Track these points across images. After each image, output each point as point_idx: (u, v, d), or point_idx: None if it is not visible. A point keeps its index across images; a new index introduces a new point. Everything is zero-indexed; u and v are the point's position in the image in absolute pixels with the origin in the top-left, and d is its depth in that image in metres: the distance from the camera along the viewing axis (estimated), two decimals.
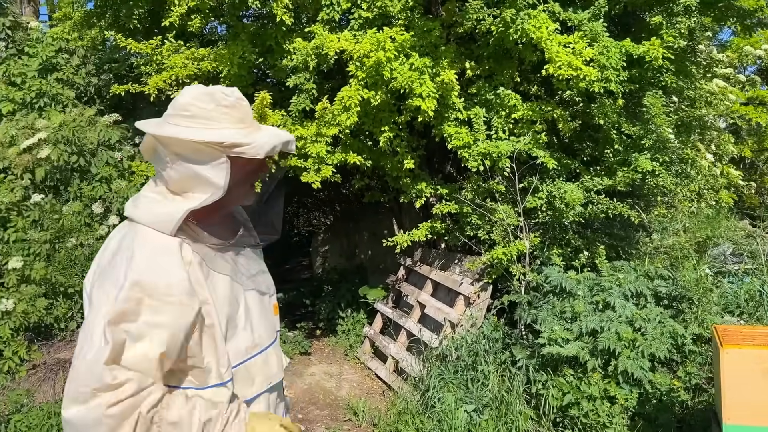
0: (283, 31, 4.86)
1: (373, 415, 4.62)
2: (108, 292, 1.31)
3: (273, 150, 1.43)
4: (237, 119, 1.43)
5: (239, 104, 1.45)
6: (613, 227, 5.52)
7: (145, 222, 1.40)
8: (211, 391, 1.44)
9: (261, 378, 1.56)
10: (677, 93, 6.02)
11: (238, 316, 1.51)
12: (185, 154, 1.40)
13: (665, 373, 3.83)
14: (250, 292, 1.57)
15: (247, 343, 1.53)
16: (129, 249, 1.36)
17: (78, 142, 5.43)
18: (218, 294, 1.45)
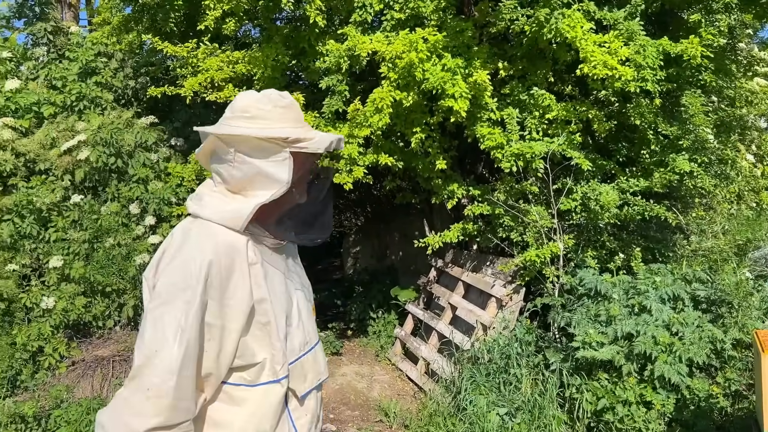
0: (316, 33, 4.90)
1: (404, 417, 4.61)
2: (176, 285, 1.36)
3: (331, 145, 1.50)
4: (293, 119, 1.51)
5: (293, 105, 1.53)
6: (650, 229, 5.41)
7: (212, 219, 1.46)
8: (262, 389, 1.48)
9: (312, 374, 1.61)
10: (716, 92, 5.88)
11: (292, 314, 1.57)
12: (250, 151, 1.46)
13: (703, 378, 3.74)
14: (299, 292, 1.64)
15: (300, 340, 1.59)
16: (197, 244, 1.41)
17: (116, 144, 5.55)
18: (276, 292, 1.51)
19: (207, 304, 1.37)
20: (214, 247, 1.41)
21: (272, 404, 1.49)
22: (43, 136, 5.64)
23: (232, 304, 1.42)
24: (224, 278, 1.40)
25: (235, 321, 1.42)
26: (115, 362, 4.77)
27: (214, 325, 1.39)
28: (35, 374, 4.70)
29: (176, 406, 1.32)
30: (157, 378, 1.30)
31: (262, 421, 1.48)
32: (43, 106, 5.90)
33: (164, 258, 1.43)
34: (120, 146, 5.59)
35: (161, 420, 1.30)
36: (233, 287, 1.42)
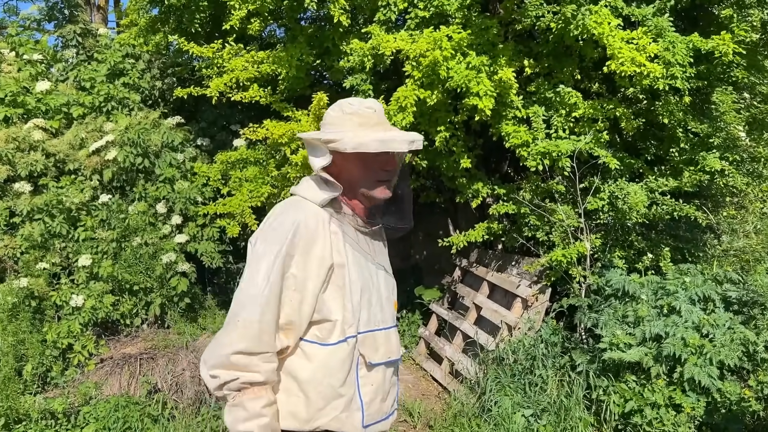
0: (340, 32, 4.90)
1: (428, 417, 4.60)
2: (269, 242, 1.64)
3: (360, 147, 1.65)
4: (357, 123, 1.73)
5: (363, 111, 1.75)
6: (679, 229, 5.31)
7: (304, 195, 1.75)
8: (332, 348, 1.68)
9: (384, 350, 1.79)
10: (749, 89, 5.74)
11: (372, 292, 1.78)
12: (309, 148, 1.79)
13: (735, 381, 3.65)
14: (382, 278, 1.86)
15: (378, 317, 1.79)
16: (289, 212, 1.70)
17: (143, 144, 5.62)
18: (357, 264, 1.74)
19: (294, 257, 1.62)
20: (303, 212, 1.69)
21: (339, 359, 1.68)
22: (72, 137, 5.74)
23: (314, 260, 1.65)
24: (310, 238, 1.65)
25: (316, 275, 1.65)
26: (143, 360, 4.83)
27: (298, 277, 1.63)
28: (65, 371, 4.78)
29: (260, 338, 1.57)
30: (247, 312, 1.58)
31: (328, 375, 1.67)
32: (73, 107, 6.00)
33: (265, 223, 1.72)
34: (147, 146, 5.66)
35: (246, 345, 1.56)
36: (317, 247, 1.66)
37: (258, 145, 5.57)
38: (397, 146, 1.69)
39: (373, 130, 1.72)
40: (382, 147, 1.67)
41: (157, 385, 4.66)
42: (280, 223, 1.67)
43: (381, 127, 1.75)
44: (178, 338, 5.19)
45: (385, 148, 1.68)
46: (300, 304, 1.64)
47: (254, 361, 1.57)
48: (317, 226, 1.68)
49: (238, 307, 1.60)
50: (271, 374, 1.60)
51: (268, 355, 1.59)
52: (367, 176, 1.76)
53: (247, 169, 5.41)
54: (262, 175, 5.28)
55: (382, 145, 1.67)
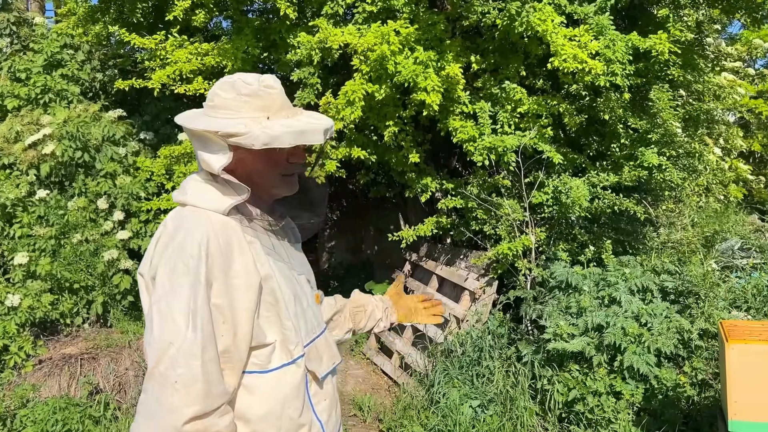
0: (287, 25, 4.85)
1: (378, 411, 4.61)
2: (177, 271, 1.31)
3: (273, 142, 1.36)
4: (257, 107, 1.41)
5: (263, 92, 1.42)
6: (620, 222, 5.47)
7: (199, 204, 1.42)
8: (276, 374, 1.43)
9: (327, 357, 1.57)
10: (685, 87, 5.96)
11: (302, 298, 1.54)
12: (198, 141, 1.44)
13: (671, 368, 3.80)
14: (302, 277, 1.60)
15: (314, 323, 1.56)
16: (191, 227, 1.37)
17: (82, 138, 5.43)
18: (282, 272, 1.48)
19: (213, 285, 1.33)
20: (209, 226, 1.37)
21: (292, 386, 1.44)
22: (7, 130, 5.50)
23: (238, 282, 1.37)
24: (225, 255, 1.36)
25: (245, 299, 1.37)
26: (84, 360, 4.68)
27: (224, 306, 1.34)
28: (0, 374, 4.59)
29: (209, 391, 1.27)
30: (181, 368, 1.25)
31: (285, 407, 1.43)
32: (7, 99, 5.74)
33: (158, 248, 1.38)
34: (87, 140, 5.47)
35: (198, 408, 1.25)
36: (236, 264, 1.38)
37: None
38: (316, 138, 1.41)
39: (281, 117, 1.43)
40: (299, 140, 1.39)
41: (99, 386, 4.52)
42: (181, 246, 1.34)
43: (286, 111, 1.45)
44: (121, 337, 5.04)
45: (303, 142, 1.40)
46: (235, 336, 1.36)
47: (210, 422, 1.29)
48: (230, 237, 1.39)
49: (167, 363, 1.26)
50: (231, 427, 1.34)
51: (223, 407, 1.32)
52: (272, 171, 1.48)
53: (192, 164, 5.30)
54: None
55: (298, 138, 1.39)
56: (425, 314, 2.05)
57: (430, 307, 2.06)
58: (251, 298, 1.38)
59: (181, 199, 1.46)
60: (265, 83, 1.43)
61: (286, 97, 1.48)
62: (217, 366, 1.31)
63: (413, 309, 2.04)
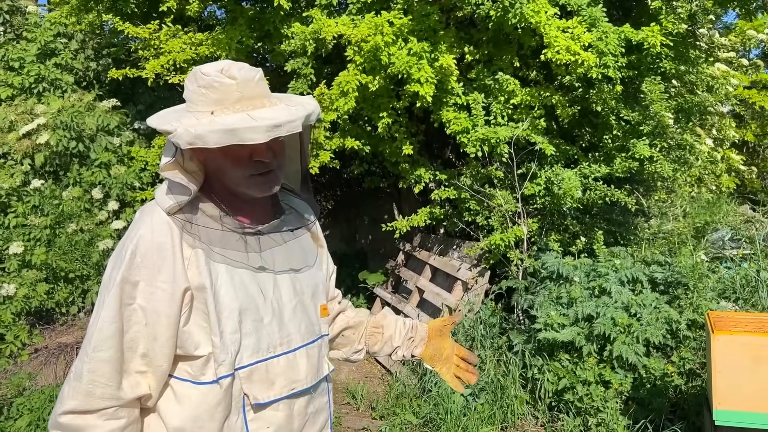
0: (282, 15, 4.84)
1: (371, 399, 4.67)
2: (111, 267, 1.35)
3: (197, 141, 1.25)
4: (213, 101, 1.31)
5: (217, 84, 1.30)
6: (613, 213, 5.52)
7: (156, 199, 1.39)
8: (205, 388, 1.36)
9: (283, 381, 1.43)
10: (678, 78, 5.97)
11: (262, 311, 1.40)
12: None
13: (660, 358, 3.86)
14: (286, 287, 1.46)
15: (270, 340, 1.41)
16: (135, 224, 1.37)
17: (77, 128, 5.43)
18: (234, 282, 1.37)
19: (138, 285, 1.30)
20: (149, 225, 1.34)
21: (210, 406, 1.35)
22: (1, 120, 5.49)
23: (163, 287, 1.31)
24: (156, 257, 1.31)
25: (168, 306, 1.31)
26: (79, 349, 4.72)
27: (147, 309, 1.31)
28: None
29: (90, 391, 1.28)
30: (78, 362, 1.31)
31: (198, 426, 1.35)
32: (0, 88, 5.74)
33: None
34: (81, 130, 5.47)
35: (75, 404, 1.28)
36: (165, 269, 1.31)
37: None
38: (251, 137, 1.25)
39: (228, 111, 1.30)
40: (229, 140, 1.24)
41: None
42: (124, 240, 1.34)
43: (242, 104, 1.31)
44: None
45: (233, 141, 1.25)
46: (154, 342, 1.32)
47: (90, 421, 1.28)
48: (167, 240, 1.32)
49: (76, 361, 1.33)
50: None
51: (111, 411, 1.29)
52: (236, 170, 1.37)
53: None
54: None
55: (228, 138, 1.24)
56: (451, 371, 1.75)
57: (463, 369, 1.75)
58: (174, 306, 1.32)
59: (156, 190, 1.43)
60: (228, 72, 1.32)
61: (254, 87, 1.34)
62: (110, 368, 1.29)
63: (444, 357, 1.75)
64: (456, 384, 1.72)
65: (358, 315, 1.78)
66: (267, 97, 1.36)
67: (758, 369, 2.64)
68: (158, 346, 1.32)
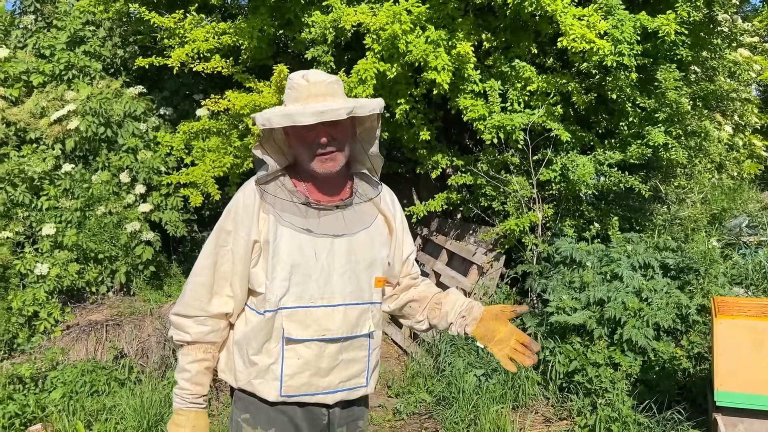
0: (302, 3, 4.93)
1: (387, 378, 4.81)
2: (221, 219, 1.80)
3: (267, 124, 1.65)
4: (294, 98, 1.71)
5: (296, 84, 1.71)
6: (629, 199, 5.56)
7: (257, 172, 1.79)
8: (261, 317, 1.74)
9: (316, 327, 1.74)
10: (699, 64, 5.95)
11: (312, 268, 1.73)
12: None
13: (669, 341, 3.93)
14: (340, 255, 1.76)
15: (313, 293, 1.73)
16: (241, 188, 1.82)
17: (105, 114, 5.62)
18: (293, 243, 1.72)
19: (231, 233, 1.74)
20: (243, 190, 1.78)
21: (256, 329, 1.75)
22: (33, 106, 5.70)
23: (243, 236, 1.73)
24: (242, 214, 1.74)
25: (244, 250, 1.73)
26: (109, 326, 4.93)
27: (234, 251, 1.74)
28: (31, 338, 4.86)
29: (189, 303, 1.75)
30: (187, 280, 1.81)
31: (246, 343, 1.76)
32: (32, 75, 5.94)
33: None
34: (109, 116, 5.66)
35: (180, 309, 1.77)
36: (245, 224, 1.74)
37: (221, 116, 5.62)
38: (302, 119, 1.62)
39: (296, 104, 1.70)
40: (284, 121, 1.64)
41: (124, 351, 4.78)
42: (231, 200, 1.81)
43: (311, 99, 1.68)
44: (143, 305, 5.29)
45: (289, 123, 1.64)
46: (235, 276, 1.75)
47: (186, 323, 1.76)
48: (248, 204, 1.75)
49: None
50: (201, 335, 1.76)
51: (201, 318, 1.75)
52: (305, 151, 1.73)
53: (209, 140, 5.46)
54: (225, 145, 5.35)
55: (284, 120, 1.64)
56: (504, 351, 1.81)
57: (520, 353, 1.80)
58: (247, 251, 1.74)
59: None
60: (307, 76, 1.72)
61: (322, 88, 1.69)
62: (205, 289, 1.75)
63: (497, 339, 1.83)
64: (507, 363, 1.82)
65: (426, 290, 2.00)
66: (332, 95, 1.71)
67: (759, 352, 2.71)
68: (237, 279, 1.75)
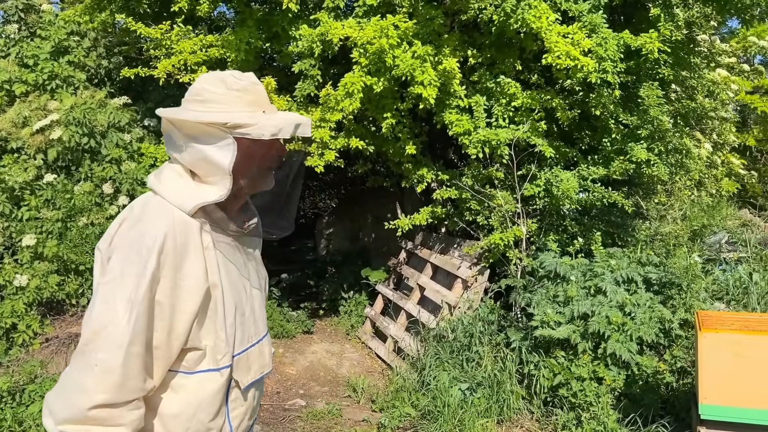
0: (290, 17, 4.95)
1: (371, 392, 4.79)
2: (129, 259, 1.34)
3: (279, 132, 1.42)
4: (248, 102, 1.45)
5: (252, 88, 1.47)
6: (612, 214, 5.62)
7: (168, 198, 1.44)
8: (199, 377, 1.45)
9: (256, 366, 1.59)
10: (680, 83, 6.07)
11: (245, 307, 1.55)
12: (196, 135, 1.43)
13: (652, 356, 3.96)
14: (254, 283, 1.61)
15: (250, 331, 1.57)
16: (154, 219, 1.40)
17: (89, 124, 5.56)
18: (229, 280, 1.49)
19: (160, 281, 1.35)
20: (170, 223, 1.39)
21: (210, 393, 1.46)
22: (15, 115, 5.63)
23: (185, 285, 1.39)
24: (179, 256, 1.38)
25: (189, 302, 1.39)
26: None
27: (165, 305, 1.36)
28: (9, 350, 4.76)
29: (123, 384, 1.29)
30: (105, 353, 1.28)
31: (200, 410, 1.45)
32: (15, 84, 5.87)
33: (120, 230, 1.40)
34: (93, 126, 5.61)
35: (107, 397, 1.28)
36: (188, 267, 1.39)
37: None
38: (307, 130, 1.48)
39: (270, 111, 1.49)
40: (298, 131, 1.47)
41: None
42: (141, 236, 1.36)
43: (269, 106, 1.51)
44: None
45: (300, 133, 1.48)
46: (168, 336, 1.38)
47: (117, 413, 1.30)
48: (188, 240, 1.41)
49: (94, 345, 1.29)
50: (137, 423, 1.34)
51: (135, 402, 1.33)
52: (256, 165, 1.50)
53: None
54: None
55: (297, 130, 1.46)
56: None
57: None
58: (195, 301, 1.40)
59: (153, 186, 1.47)
60: (249, 79, 1.48)
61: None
62: (141, 361, 1.32)
63: None
64: None
65: None
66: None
67: (742, 365, 2.75)
68: (173, 339, 1.38)
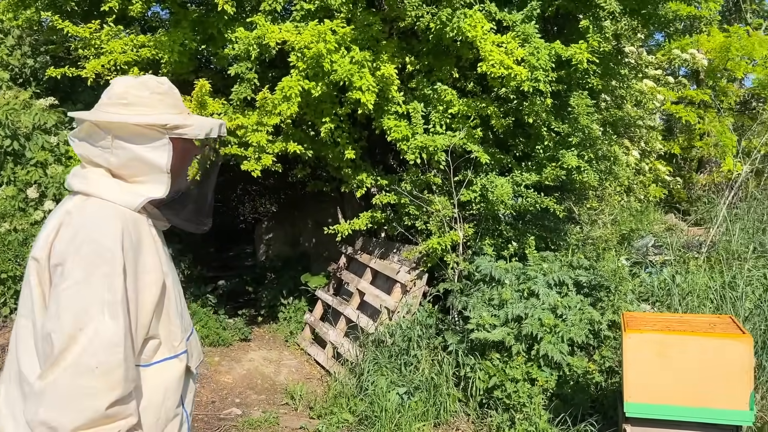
0: (226, 19, 4.87)
1: (310, 399, 4.75)
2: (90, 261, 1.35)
3: (211, 131, 1.54)
4: (170, 105, 1.55)
5: (171, 92, 1.57)
6: (545, 219, 5.77)
7: (109, 198, 1.46)
8: (156, 367, 1.49)
9: (197, 353, 1.67)
10: (608, 92, 6.30)
11: (181, 296, 1.63)
12: (129, 137, 1.48)
13: (583, 357, 4.08)
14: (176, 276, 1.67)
15: (188, 321, 1.65)
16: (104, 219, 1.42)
17: (12, 126, 5.32)
18: (168, 270, 1.56)
19: (125, 278, 1.39)
20: (122, 220, 1.43)
21: (173, 380, 1.51)
22: None
23: (146, 278, 1.44)
24: (136, 251, 1.43)
25: (151, 293, 1.45)
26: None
27: (131, 299, 1.40)
28: None
29: (126, 378, 1.35)
30: (103, 354, 1.31)
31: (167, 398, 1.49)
32: None
33: (63, 236, 1.40)
34: (16, 128, 5.36)
35: (119, 392, 1.33)
36: (144, 260, 1.45)
37: None
38: (224, 131, 1.62)
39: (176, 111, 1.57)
40: (221, 131, 1.59)
41: None
42: (97, 238, 1.38)
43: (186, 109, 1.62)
44: None
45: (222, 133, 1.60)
46: (136, 328, 1.42)
47: (126, 406, 1.37)
48: (140, 234, 1.47)
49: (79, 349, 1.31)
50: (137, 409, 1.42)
51: (132, 392, 1.41)
52: (183, 166, 1.61)
53: None
54: None
55: (220, 129, 1.59)
56: None
57: None
58: (155, 293, 1.46)
59: (85, 189, 1.49)
60: (168, 84, 1.58)
61: None
62: (132, 353, 1.39)
63: None
64: None
65: None
66: None
67: (664, 364, 2.87)
68: (139, 330, 1.43)
